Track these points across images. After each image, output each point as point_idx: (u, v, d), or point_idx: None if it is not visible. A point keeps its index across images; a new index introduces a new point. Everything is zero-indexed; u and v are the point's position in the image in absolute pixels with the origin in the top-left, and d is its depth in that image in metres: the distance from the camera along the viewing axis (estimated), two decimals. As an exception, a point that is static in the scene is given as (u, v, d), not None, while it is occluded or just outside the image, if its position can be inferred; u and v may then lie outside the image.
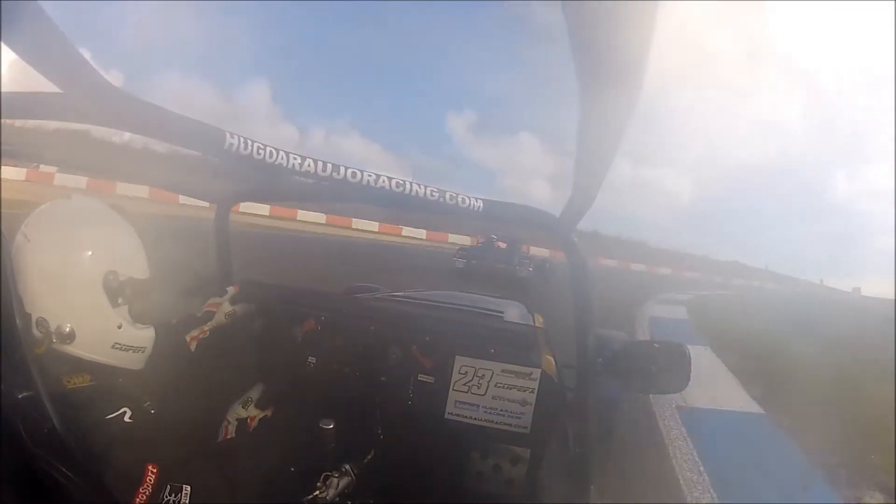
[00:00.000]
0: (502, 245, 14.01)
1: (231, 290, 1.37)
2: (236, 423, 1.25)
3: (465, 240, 21.86)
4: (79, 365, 0.94)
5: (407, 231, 27.90)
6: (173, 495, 0.86)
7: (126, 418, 0.89)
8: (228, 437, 1.24)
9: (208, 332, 1.29)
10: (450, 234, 27.42)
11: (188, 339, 1.25)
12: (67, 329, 0.92)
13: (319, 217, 23.53)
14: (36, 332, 0.91)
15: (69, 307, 0.93)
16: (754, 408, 4.83)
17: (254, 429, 1.25)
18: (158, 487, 0.85)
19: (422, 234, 28.33)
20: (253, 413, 1.27)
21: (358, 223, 25.08)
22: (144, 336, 1.04)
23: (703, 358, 6.59)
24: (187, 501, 0.87)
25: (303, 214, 22.79)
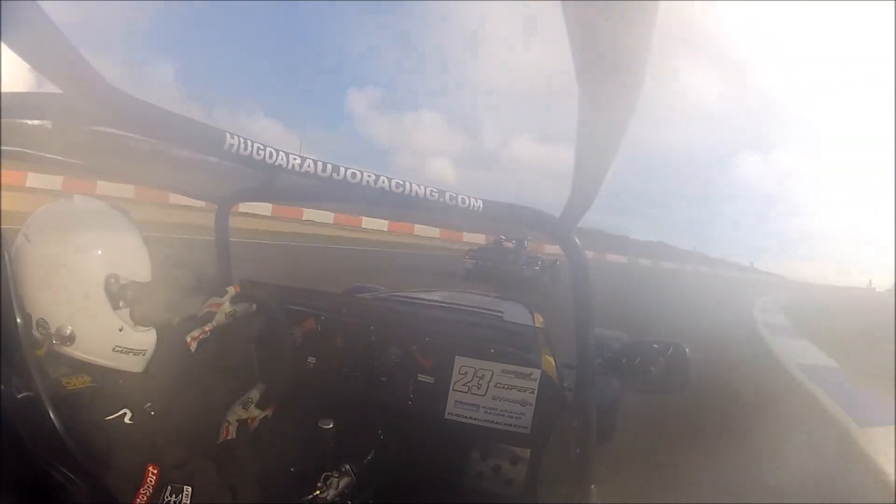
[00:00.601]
0: (509, 245, 14.29)
1: (231, 290, 1.37)
2: (237, 423, 1.25)
3: (479, 238, 21.90)
4: (79, 366, 0.93)
5: (419, 230, 26.41)
6: (174, 496, 0.86)
7: (126, 419, 0.89)
8: (229, 437, 1.24)
9: (209, 333, 1.29)
10: (465, 234, 26.20)
11: (189, 339, 1.24)
12: (68, 331, 0.91)
13: (326, 216, 22.16)
14: (36, 332, 0.90)
15: (70, 309, 0.92)
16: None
17: (254, 429, 1.25)
18: (159, 488, 0.85)
19: (435, 232, 26.75)
20: (254, 413, 1.26)
21: (368, 222, 23.26)
22: (145, 339, 1.03)
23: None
24: (188, 502, 0.87)
25: (309, 213, 21.29)
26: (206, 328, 1.29)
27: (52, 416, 0.81)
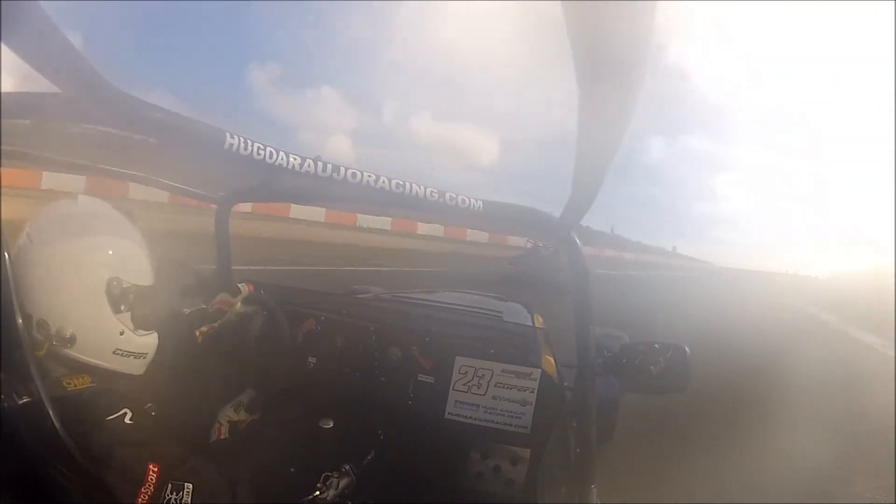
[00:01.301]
0: (547, 251, 14.93)
1: (245, 289, 1.36)
2: (228, 425, 1.25)
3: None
4: (79, 367, 0.93)
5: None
6: (175, 494, 0.86)
7: (127, 419, 0.89)
8: (221, 437, 1.23)
9: (217, 328, 1.28)
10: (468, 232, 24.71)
11: (197, 333, 1.24)
12: (68, 333, 0.91)
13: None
14: (36, 333, 0.90)
15: (71, 311, 0.92)
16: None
17: (255, 428, 1.25)
18: (160, 486, 0.85)
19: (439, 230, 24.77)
20: (243, 417, 1.26)
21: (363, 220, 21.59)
22: (146, 342, 1.03)
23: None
24: (189, 500, 0.87)
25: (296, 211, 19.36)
26: (216, 325, 1.29)
27: (52, 416, 0.81)
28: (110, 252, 0.97)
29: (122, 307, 0.97)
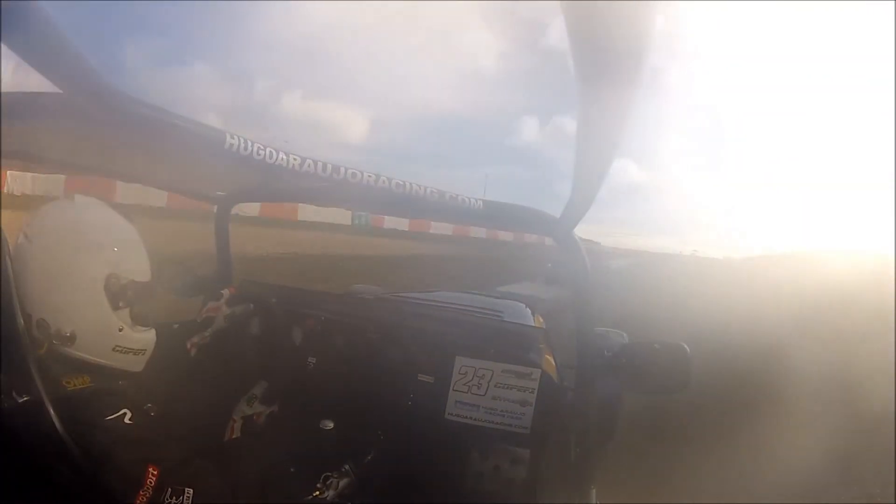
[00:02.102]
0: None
1: (226, 292, 1.37)
2: (241, 420, 1.25)
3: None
4: (79, 366, 0.93)
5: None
6: (174, 498, 0.85)
7: (126, 420, 0.89)
8: (234, 436, 1.23)
9: (209, 338, 1.29)
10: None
11: (188, 345, 1.24)
12: (69, 331, 0.91)
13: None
14: (36, 333, 0.90)
15: (70, 309, 0.92)
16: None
17: (261, 425, 1.25)
18: (159, 490, 0.84)
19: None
20: (258, 409, 1.27)
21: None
22: (145, 338, 1.03)
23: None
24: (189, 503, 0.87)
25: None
26: (206, 333, 1.30)
27: (52, 416, 0.81)
28: (108, 249, 0.98)
29: (121, 303, 0.98)
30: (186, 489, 0.87)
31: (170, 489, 0.85)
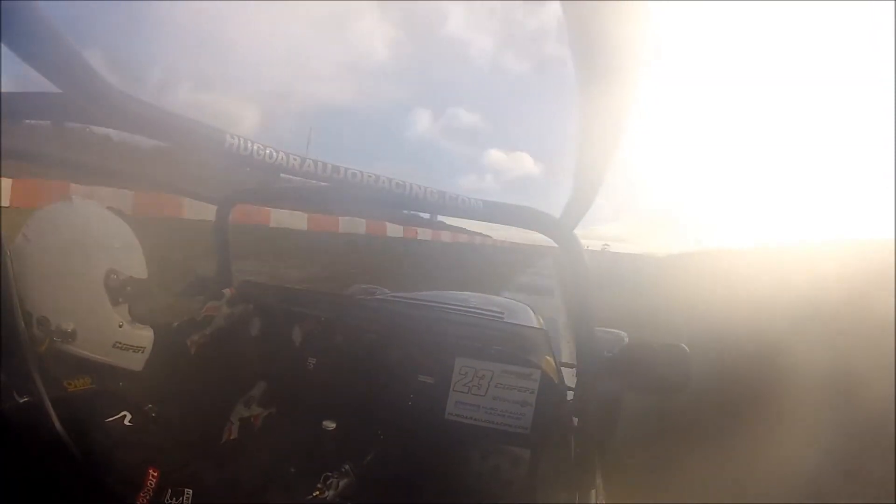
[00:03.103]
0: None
1: (227, 292, 1.38)
2: (239, 423, 1.25)
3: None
4: (79, 365, 0.94)
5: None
6: (175, 499, 0.86)
7: (126, 422, 0.89)
8: (232, 437, 1.24)
9: (209, 336, 1.29)
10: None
11: (188, 342, 1.25)
12: (70, 328, 0.92)
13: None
14: (37, 331, 0.91)
15: (71, 306, 0.93)
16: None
17: (258, 428, 1.25)
18: (159, 491, 0.85)
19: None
20: (256, 411, 1.27)
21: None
22: (144, 336, 1.04)
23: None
24: None
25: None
26: (206, 331, 1.30)
27: (53, 418, 0.81)
28: (107, 246, 0.99)
29: (121, 299, 0.99)
30: (186, 490, 0.87)
31: (170, 490, 0.86)
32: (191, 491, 0.88)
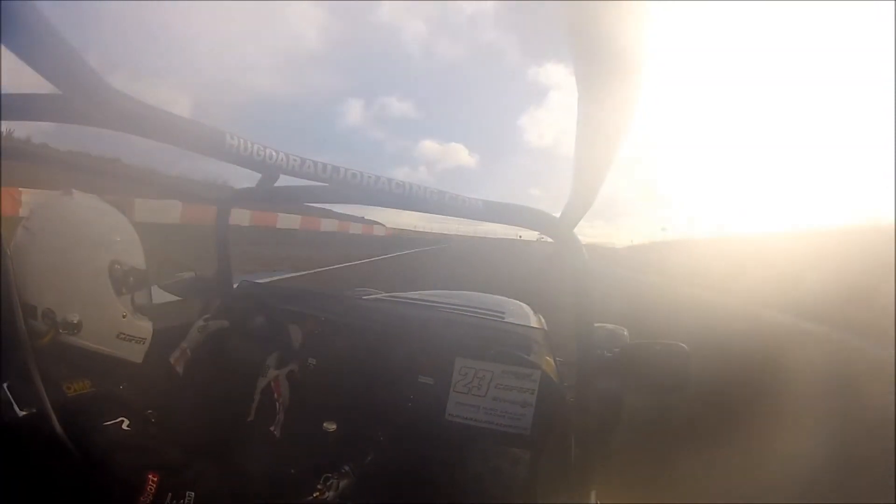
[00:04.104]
0: None
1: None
2: (259, 396, 1.26)
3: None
4: (82, 361, 0.93)
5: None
6: (176, 502, 0.85)
7: (124, 427, 0.89)
8: (251, 419, 1.25)
9: (189, 352, 1.30)
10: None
11: (172, 361, 1.26)
12: (75, 319, 0.93)
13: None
14: (41, 323, 0.91)
15: (76, 297, 0.94)
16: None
17: (285, 385, 1.26)
18: (161, 496, 0.84)
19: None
20: (272, 375, 1.29)
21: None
22: (145, 327, 1.06)
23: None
24: None
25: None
26: (184, 346, 1.31)
27: (54, 420, 0.80)
28: (109, 238, 1.00)
29: (124, 290, 1.01)
30: (188, 493, 0.87)
31: (170, 494, 0.85)
32: (192, 493, 0.87)
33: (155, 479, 0.85)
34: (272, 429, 1.19)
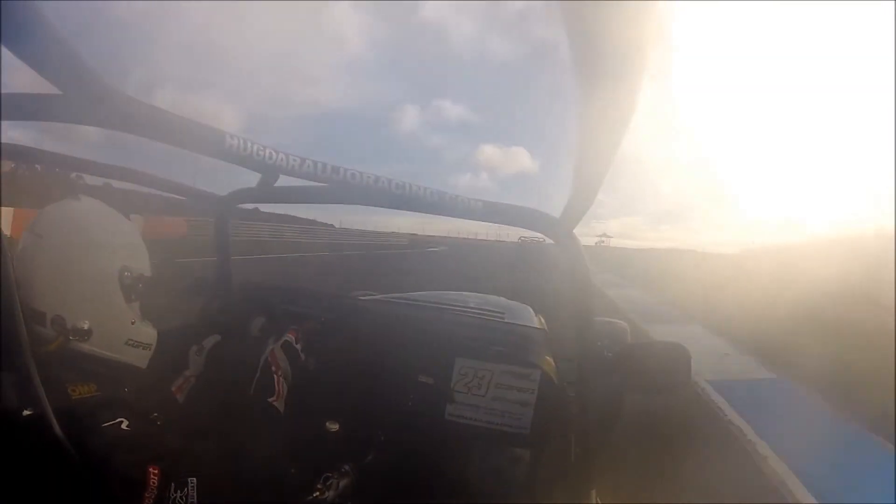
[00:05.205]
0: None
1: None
2: (259, 373, 1.25)
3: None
4: (88, 366, 0.93)
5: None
6: (180, 491, 0.85)
7: (123, 427, 0.88)
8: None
9: (192, 380, 1.29)
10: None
11: (174, 389, 1.24)
12: (85, 326, 0.92)
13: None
14: (50, 330, 0.90)
15: (87, 303, 0.93)
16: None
17: (285, 355, 1.27)
18: (164, 487, 0.84)
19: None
20: (269, 349, 1.29)
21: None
22: (151, 333, 1.05)
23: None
24: (195, 494, 0.86)
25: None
26: (188, 374, 1.30)
27: (54, 424, 0.80)
28: (118, 243, 1.00)
29: (133, 296, 1.00)
30: (189, 479, 0.87)
31: (173, 484, 0.85)
32: (194, 479, 0.87)
33: (156, 471, 0.84)
34: (272, 400, 1.17)
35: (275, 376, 1.21)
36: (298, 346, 1.31)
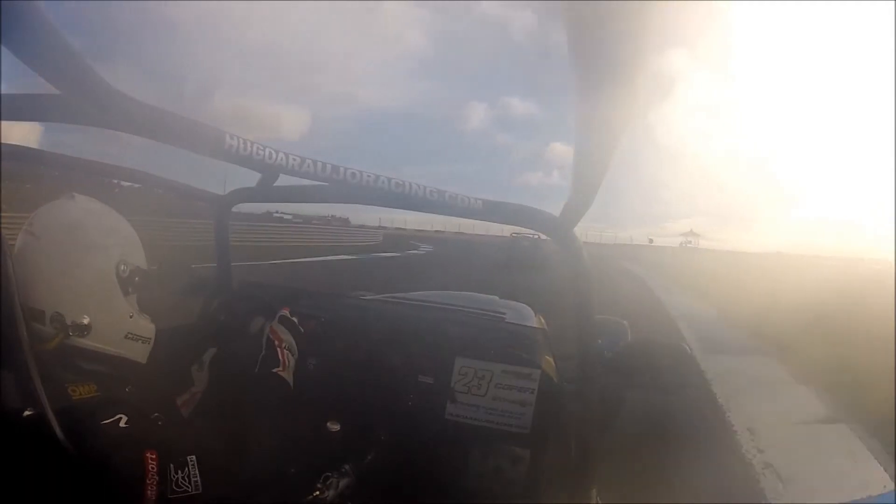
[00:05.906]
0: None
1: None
2: (264, 351, 1.24)
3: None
4: (89, 363, 0.93)
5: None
6: (181, 472, 0.85)
7: (122, 424, 0.88)
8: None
9: (199, 395, 1.29)
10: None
11: (179, 404, 1.23)
12: (85, 321, 0.93)
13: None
14: (49, 328, 0.90)
15: (85, 299, 0.94)
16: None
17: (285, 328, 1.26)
18: (164, 471, 0.83)
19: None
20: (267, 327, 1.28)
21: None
22: (149, 327, 1.06)
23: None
24: (196, 472, 0.86)
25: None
26: (194, 390, 1.29)
27: (53, 423, 0.80)
28: (114, 238, 1.01)
29: (130, 289, 1.01)
30: (189, 458, 0.87)
31: (172, 465, 0.84)
32: (193, 457, 0.87)
33: (153, 456, 0.83)
34: (278, 370, 1.16)
35: (278, 349, 1.20)
36: (294, 319, 1.30)
